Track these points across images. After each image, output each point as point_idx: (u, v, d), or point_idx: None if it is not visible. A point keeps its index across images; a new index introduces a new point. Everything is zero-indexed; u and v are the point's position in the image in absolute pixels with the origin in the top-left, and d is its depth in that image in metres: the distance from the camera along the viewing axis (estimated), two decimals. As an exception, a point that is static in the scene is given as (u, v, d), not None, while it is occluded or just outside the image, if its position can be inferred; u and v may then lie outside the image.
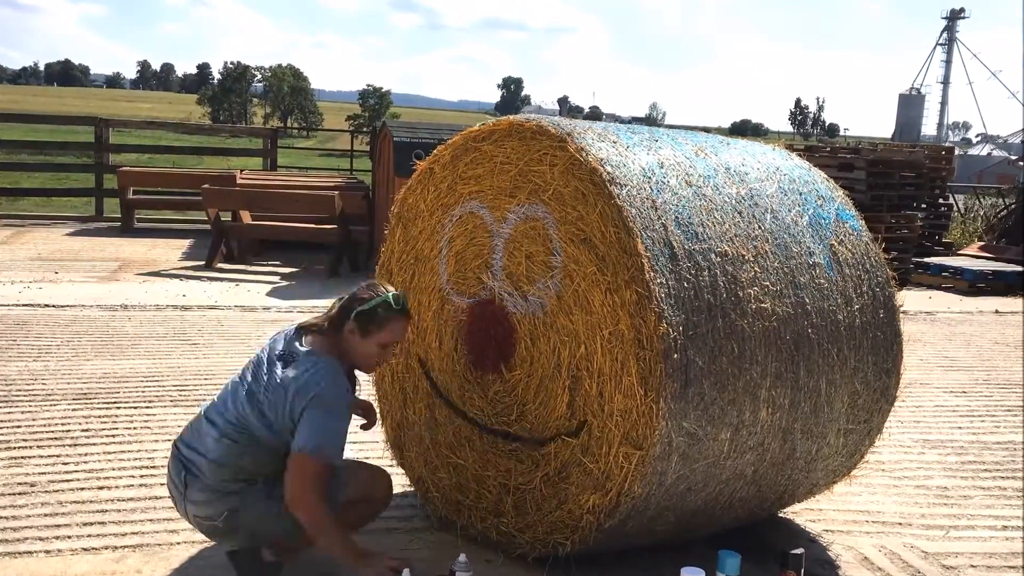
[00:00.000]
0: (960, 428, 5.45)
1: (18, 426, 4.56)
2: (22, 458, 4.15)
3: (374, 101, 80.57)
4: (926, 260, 12.31)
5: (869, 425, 3.51)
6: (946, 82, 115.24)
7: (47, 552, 3.28)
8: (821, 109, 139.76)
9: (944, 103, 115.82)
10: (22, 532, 3.42)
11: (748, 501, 3.36)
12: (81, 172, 15.93)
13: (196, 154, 19.86)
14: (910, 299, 9.87)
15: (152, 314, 7.38)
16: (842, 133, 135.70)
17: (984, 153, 50.96)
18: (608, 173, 3.04)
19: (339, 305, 3.06)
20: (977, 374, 6.90)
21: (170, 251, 11.00)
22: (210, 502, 2.93)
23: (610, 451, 3.02)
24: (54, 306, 7.42)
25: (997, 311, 10.09)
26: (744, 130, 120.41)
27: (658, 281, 2.90)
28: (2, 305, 7.35)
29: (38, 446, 4.31)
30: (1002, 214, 15.48)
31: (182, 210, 13.96)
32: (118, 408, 4.92)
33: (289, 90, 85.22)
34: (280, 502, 2.90)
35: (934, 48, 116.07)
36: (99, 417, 4.77)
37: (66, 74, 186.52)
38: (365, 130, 46.90)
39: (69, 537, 3.40)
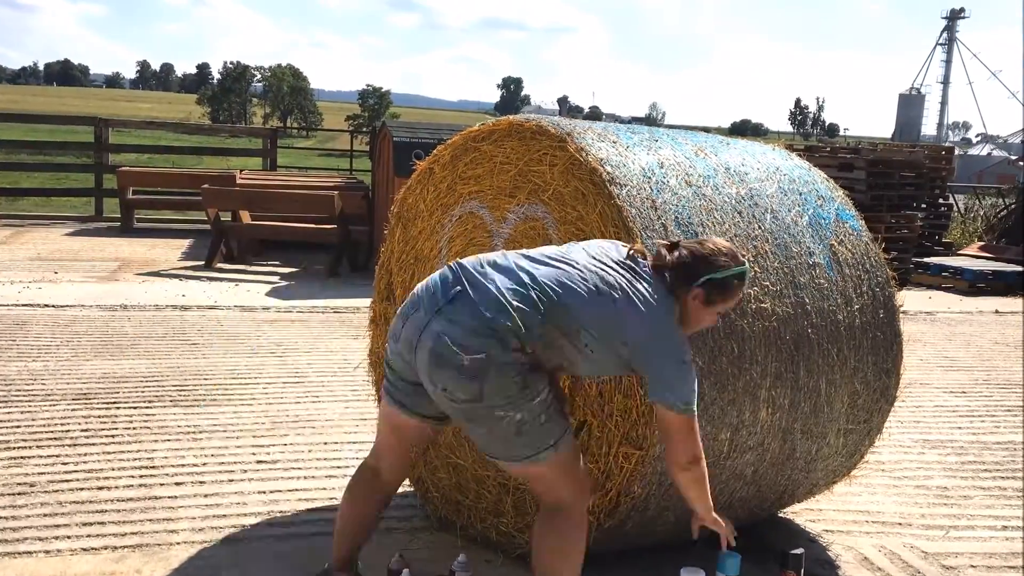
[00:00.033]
0: (960, 428, 5.45)
1: (17, 426, 4.56)
2: (21, 458, 4.15)
3: (374, 101, 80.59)
4: (926, 260, 12.31)
5: (869, 425, 3.51)
6: (946, 82, 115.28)
7: (46, 552, 3.28)
8: (821, 109, 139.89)
9: (944, 103, 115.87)
10: (21, 532, 3.42)
11: (748, 501, 3.36)
12: (81, 172, 15.92)
13: (196, 154, 19.85)
14: (910, 299, 9.87)
15: (152, 314, 7.38)
16: (842, 133, 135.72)
17: (984, 153, 50.97)
18: (608, 173, 3.04)
19: (677, 260, 2.63)
20: (977, 374, 6.90)
21: (170, 251, 11.00)
22: (473, 330, 2.41)
23: (610, 451, 3.02)
24: (53, 306, 7.42)
25: (997, 311, 10.09)
26: (744, 130, 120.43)
27: (658, 281, 2.89)
28: (1, 305, 7.35)
29: (37, 446, 4.31)
30: (1002, 214, 15.48)
31: (182, 210, 13.95)
32: (117, 408, 4.92)
33: (289, 90, 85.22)
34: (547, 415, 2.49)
35: (934, 48, 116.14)
36: (98, 417, 4.76)
37: (65, 74, 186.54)
38: (365, 130, 46.92)
39: (68, 537, 3.40)
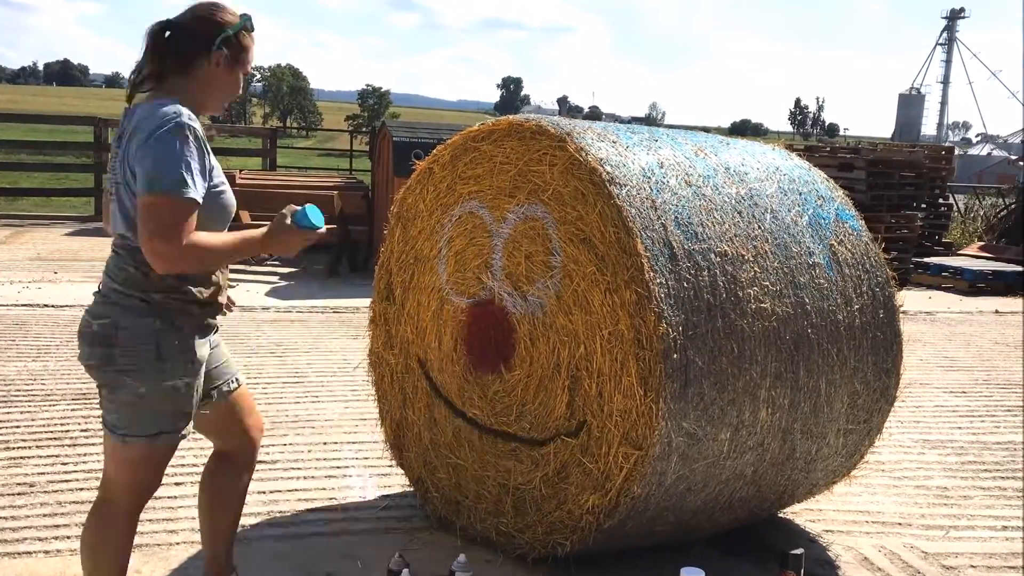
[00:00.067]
0: (960, 428, 5.45)
1: (17, 426, 4.56)
2: (21, 458, 4.14)
3: (373, 101, 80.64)
4: (926, 260, 12.32)
5: (869, 425, 3.51)
6: (946, 82, 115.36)
7: (46, 552, 3.28)
8: (821, 109, 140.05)
9: (944, 103, 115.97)
10: (21, 532, 3.42)
11: (748, 501, 3.36)
12: (80, 172, 15.93)
13: (195, 154, 19.82)
14: (910, 299, 9.87)
15: (151, 314, 7.37)
16: (842, 133, 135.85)
17: (984, 153, 51.00)
18: (607, 173, 3.03)
19: (175, 42, 2.43)
20: (977, 374, 6.89)
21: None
22: (98, 302, 2.49)
23: (609, 451, 3.02)
24: (53, 306, 7.42)
25: (997, 311, 10.09)
26: (744, 130, 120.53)
27: (658, 281, 2.90)
28: (1, 305, 7.34)
29: (37, 446, 4.31)
30: (1002, 214, 15.49)
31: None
32: (117, 408, 4.91)
33: (288, 90, 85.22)
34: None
35: (934, 48, 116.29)
36: (98, 417, 4.74)
37: (65, 74, 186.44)
38: (364, 130, 46.92)
39: (68, 537, 3.39)
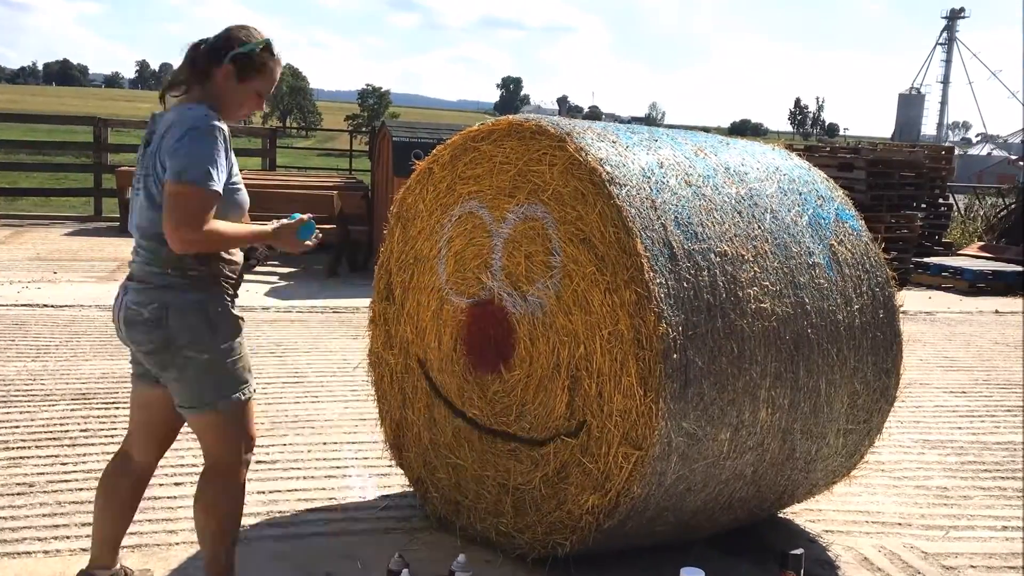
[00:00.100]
0: (960, 428, 5.44)
1: (17, 426, 4.56)
2: (21, 458, 4.14)
3: (373, 101, 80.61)
4: (926, 260, 12.31)
5: (869, 425, 3.51)
6: (946, 82, 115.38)
7: (45, 552, 3.27)
8: (821, 109, 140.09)
9: (944, 103, 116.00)
10: (21, 532, 3.42)
11: (748, 501, 3.35)
12: (80, 172, 15.92)
13: (195, 154, 19.80)
14: (910, 299, 9.86)
15: (151, 314, 7.37)
16: (842, 133, 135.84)
17: (984, 153, 51.01)
18: (607, 173, 3.03)
19: (199, 54, 2.71)
20: (977, 374, 6.89)
21: (169, 251, 10.98)
22: (141, 290, 2.69)
23: (609, 451, 3.02)
24: (53, 306, 7.41)
25: (997, 311, 10.09)
26: (744, 130, 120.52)
27: (657, 281, 2.90)
28: (1, 305, 7.34)
29: (37, 446, 4.30)
30: (1002, 214, 15.48)
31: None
32: (117, 408, 4.91)
33: (288, 90, 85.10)
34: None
35: (934, 48, 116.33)
36: (98, 417, 4.76)
37: (64, 74, 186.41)
38: (364, 130, 46.90)
39: (68, 537, 3.39)
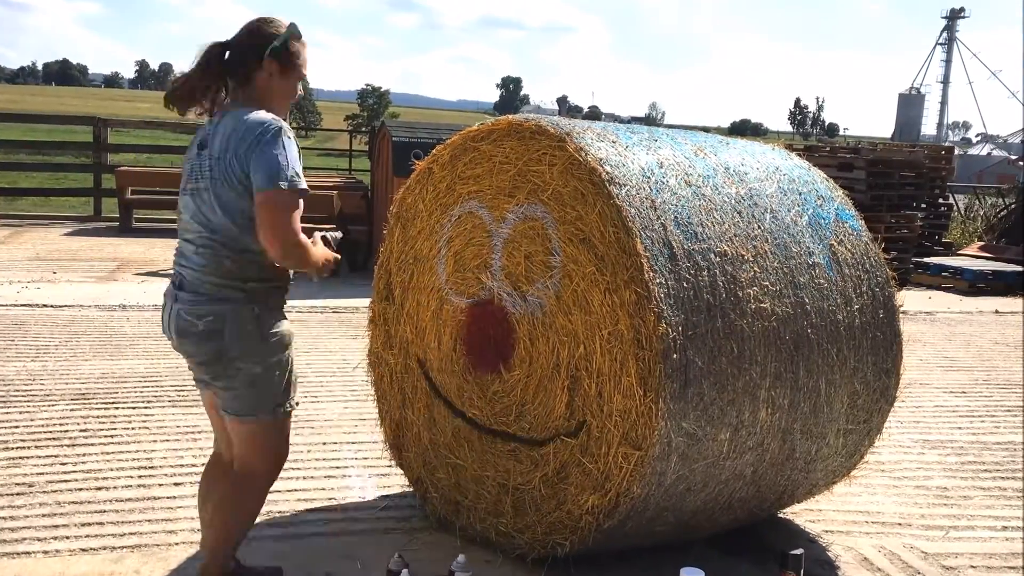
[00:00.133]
0: (960, 428, 5.44)
1: (16, 426, 4.55)
2: (20, 458, 4.14)
3: (373, 101, 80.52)
4: (926, 260, 12.31)
5: (869, 425, 3.51)
6: (946, 82, 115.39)
7: (45, 553, 3.27)
8: (821, 109, 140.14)
9: (944, 103, 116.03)
10: (20, 533, 3.42)
11: (747, 501, 3.35)
12: (79, 172, 15.90)
13: (195, 154, 19.79)
14: (910, 299, 9.86)
15: (150, 314, 7.38)
16: (842, 133, 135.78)
17: (984, 153, 51.03)
18: (607, 173, 3.03)
19: (232, 61, 2.76)
20: (977, 374, 6.89)
21: (168, 251, 10.88)
22: (194, 301, 2.71)
23: (609, 451, 3.01)
24: (52, 306, 7.41)
25: (997, 311, 10.09)
26: (743, 130, 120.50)
27: (657, 281, 2.89)
28: (0, 305, 7.34)
29: (36, 446, 4.30)
30: (1002, 214, 15.48)
31: (181, 210, 13.93)
32: (116, 408, 4.91)
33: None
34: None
35: (934, 48, 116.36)
36: (97, 417, 4.75)
37: (64, 73, 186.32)
38: (364, 130, 46.85)
39: (67, 538, 3.39)
